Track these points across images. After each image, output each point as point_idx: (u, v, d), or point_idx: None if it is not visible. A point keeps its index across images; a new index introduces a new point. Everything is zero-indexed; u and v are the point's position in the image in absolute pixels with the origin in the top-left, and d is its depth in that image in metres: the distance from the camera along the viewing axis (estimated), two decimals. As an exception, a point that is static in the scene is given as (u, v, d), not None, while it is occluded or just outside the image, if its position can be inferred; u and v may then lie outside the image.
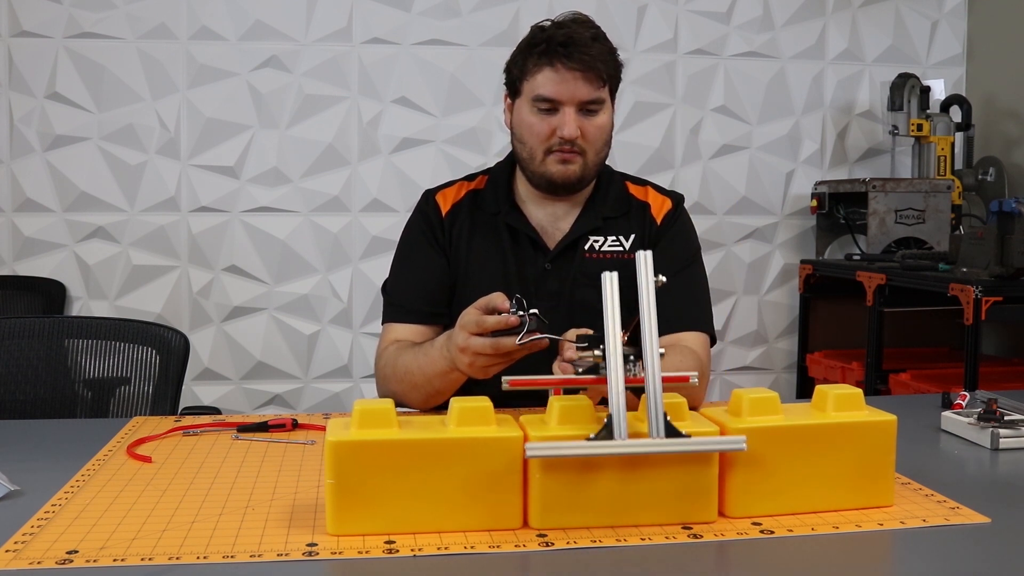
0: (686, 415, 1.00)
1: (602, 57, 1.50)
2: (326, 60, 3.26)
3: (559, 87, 1.49)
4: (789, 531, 0.96)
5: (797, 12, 3.52)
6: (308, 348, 3.33)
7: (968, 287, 2.57)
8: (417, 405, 1.50)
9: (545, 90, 1.50)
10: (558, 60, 1.49)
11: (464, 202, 1.63)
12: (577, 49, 1.48)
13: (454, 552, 0.91)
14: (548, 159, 1.52)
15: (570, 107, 1.49)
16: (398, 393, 1.50)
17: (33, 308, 3.12)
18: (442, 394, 1.45)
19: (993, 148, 3.46)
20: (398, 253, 1.67)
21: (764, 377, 3.60)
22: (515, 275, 1.56)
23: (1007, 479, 1.18)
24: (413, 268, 1.62)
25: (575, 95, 1.49)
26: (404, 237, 1.67)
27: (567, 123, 1.49)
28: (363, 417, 0.95)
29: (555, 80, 1.49)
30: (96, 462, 1.21)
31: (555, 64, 1.49)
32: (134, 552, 0.90)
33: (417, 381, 1.46)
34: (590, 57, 1.48)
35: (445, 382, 1.43)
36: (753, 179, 3.53)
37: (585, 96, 1.50)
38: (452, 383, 1.42)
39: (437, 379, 1.43)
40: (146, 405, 1.79)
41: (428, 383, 1.44)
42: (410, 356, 1.48)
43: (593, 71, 1.49)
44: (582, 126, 1.50)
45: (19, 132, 3.16)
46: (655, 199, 1.64)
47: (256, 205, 3.26)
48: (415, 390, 1.47)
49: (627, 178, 1.68)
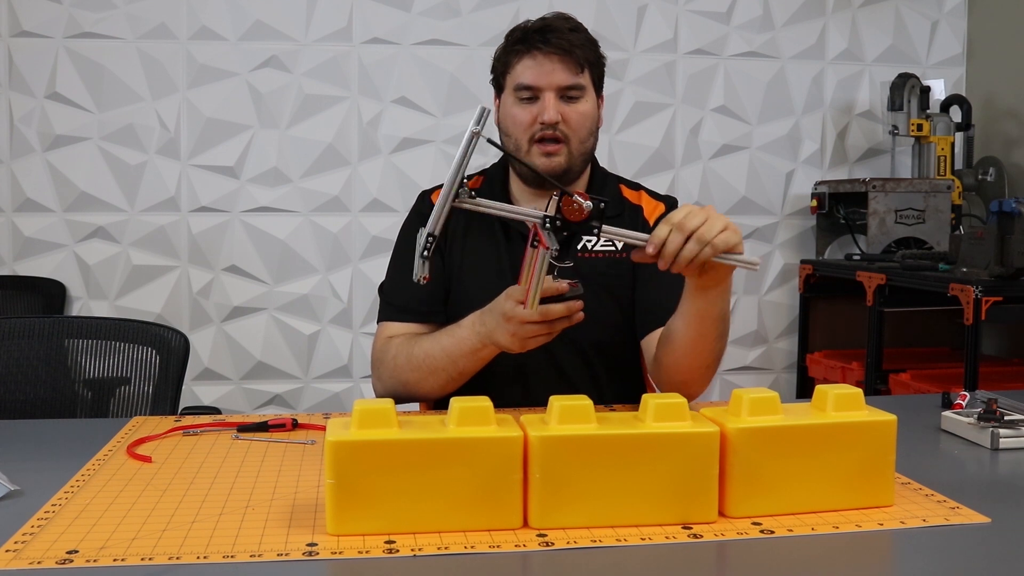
0: (686, 415, 1.00)
1: (579, 43, 1.52)
2: (326, 60, 3.26)
3: (537, 72, 1.51)
4: (789, 531, 0.96)
5: (797, 12, 3.52)
6: (308, 348, 3.33)
7: (968, 287, 2.57)
8: (433, 392, 1.49)
9: (524, 78, 1.52)
10: (535, 47, 1.51)
11: None
12: (554, 35, 1.51)
13: (454, 552, 0.91)
14: (532, 150, 1.53)
15: (550, 92, 1.51)
16: (411, 383, 1.49)
17: (33, 308, 3.12)
18: (464, 376, 1.45)
19: (993, 148, 3.46)
20: (394, 254, 1.67)
21: (764, 377, 3.60)
22: (509, 273, 1.56)
23: (1007, 479, 1.18)
24: (409, 268, 1.62)
25: (553, 80, 1.51)
26: (400, 238, 1.67)
27: (547, 107, 1.50)
28: (363, 417, 0.95)
29: (533, 67, 1.52)
30: (96, 462, 1.21)
31: (532, 51, 1.52)
32: (134, 552, 0.90)
33: (439, 364, 1.45)
34: (567, 42, 1.50)
35: (472, 361, 1.42)
36: (753, 179, 3.53)
37: (564, 81, 1.51)
38: (479, 362, 1.42)
39: (464, 359, 1.42)
40: (146, 405, 1.79)
41: (452, 364, 1.44)
42: (430, 341, 1.47)
43: (571, 56, 1.50)
44: (563, 112, 1.51)
45: (19, 132, 3.16)
46: (648, 203, 1.65)
47: (256, 205, 3.26)
48: (434, 375, 1.46)
49: (621, 181, 1.69)
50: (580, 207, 1.19)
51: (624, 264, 1.57)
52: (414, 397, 1.53)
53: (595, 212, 1.20)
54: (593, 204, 1.20)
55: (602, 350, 1.59)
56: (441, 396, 1.50)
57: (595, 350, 1.58)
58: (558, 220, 1.21)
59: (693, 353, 1.38)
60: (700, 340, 1.36)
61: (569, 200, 1.20)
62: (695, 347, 1.37)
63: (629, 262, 1.58)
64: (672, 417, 0.99)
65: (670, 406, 0.99)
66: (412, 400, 1.55)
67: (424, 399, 1.57)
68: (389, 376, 1.53)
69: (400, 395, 1.52)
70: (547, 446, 0.95)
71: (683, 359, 1.38)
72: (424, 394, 1.51)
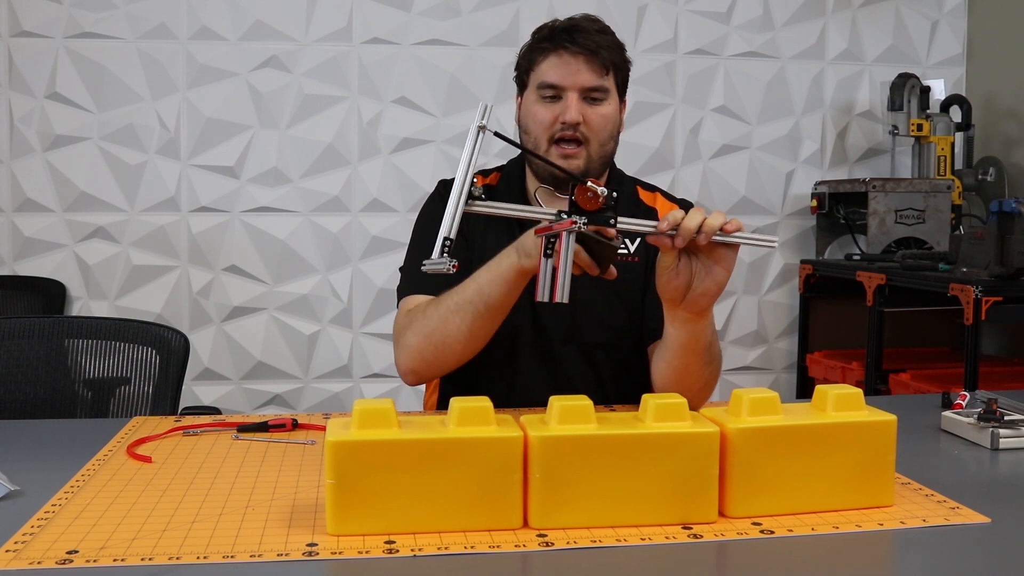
0: (686, 415, 1.00)
1: (606, 45, 1.51)
2: (326, 60, 3.26)
3: (562, 71, 1.50)
4: (789, 531, 0.96)
5: (797, 12, 3.52)
6: (308, 348, 3.33)
7: (968, 287, 2.57)
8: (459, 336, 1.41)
9: (548, 76, 1.51)
10: (561, 46, 1.50)
11: None
12: (581, 35, 1.50)
13: (454, 552, 0.91)
14: (551, 151, 1.52)
15: (573, 92, 1.50)
16: (435, 331, 1.41)
17: (33, 308, 3.12)
18: (490, 311, 1.37)
19: (993, 148, 3.46)
20: (413, 237, 1.63)
21: (764, 377, 3.60)
22: None
23: (1007, 479, 1.18)
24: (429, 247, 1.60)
25: (577, 80, 1.50)
26: (419, 222, 1.64)
27: (569, 107, 1.49)
28: (363, 417, 0.95)
29: (558, 65, 1.50)
30: (96, 462, 1.21)
31: (558, 50, 1.50)
32: (134, 552, 0.90)
33: (467, 297, 1.38)
34: (593, 43, 1.49)
35: (500, 286, 1.35)
36: (753, 179, 3.53)
37: (588, 82, 1.50)
38: (508, 287, 1.35)
39: (493, 286, 1.35)
40: (146, 405, 1.79)
41: (479, 294, 1.36)
42: (458, 287, 1.40)
43: (596, 57, 1.49)
44: (585, 114, 1.50)
45: (19, 132, 3.16)
46: (663, 205, 1.64)
47: (256, 205, 3.26)
48: (460, 311, 1.38)
49: (637, 183, 1.69)
50: (595, 194, 1.17)
51: (636, 268, 1.57)
52: (440, 351, 1.43)
53: (609, 200, 1.18)
54: (608, 192, 1.17)
55: (609, 352, 1.58)
56: (464, 349, 1.42)
57: (602, 352, 1.58)
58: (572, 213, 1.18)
59: (681, 383, 1.38)
60: (686, 371, 1.37)
61: (583, 188, 1.17)
62: (682, 378, 1.38)
63: (641, 266, 1.58)
64: (672, 417, 0.99)
65: (670, 406, 0.99)
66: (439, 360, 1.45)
67: (447, 353, 1.45)
68: (413, 334, 1.45)
69: (426, 354, 1.44)
70: (547, 446, 0.95)
71: (672, 387, 1.38)
72: (450, 342, 1.42)
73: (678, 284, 1.25)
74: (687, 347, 1.34)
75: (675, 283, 1.25)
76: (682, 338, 1.33)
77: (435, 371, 1.48)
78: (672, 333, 1.34)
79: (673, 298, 1.27)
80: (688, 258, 1.24)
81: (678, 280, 1.24)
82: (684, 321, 1.30)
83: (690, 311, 1.28)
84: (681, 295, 1.26)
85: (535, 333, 1.56)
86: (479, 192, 1.18)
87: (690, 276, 1.25)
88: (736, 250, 1.24)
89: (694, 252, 1.24)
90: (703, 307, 1.28)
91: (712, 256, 1.23)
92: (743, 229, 1.22)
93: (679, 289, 1.25)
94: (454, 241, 1.15)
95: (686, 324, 1.31)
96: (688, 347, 1.34)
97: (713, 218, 1.20)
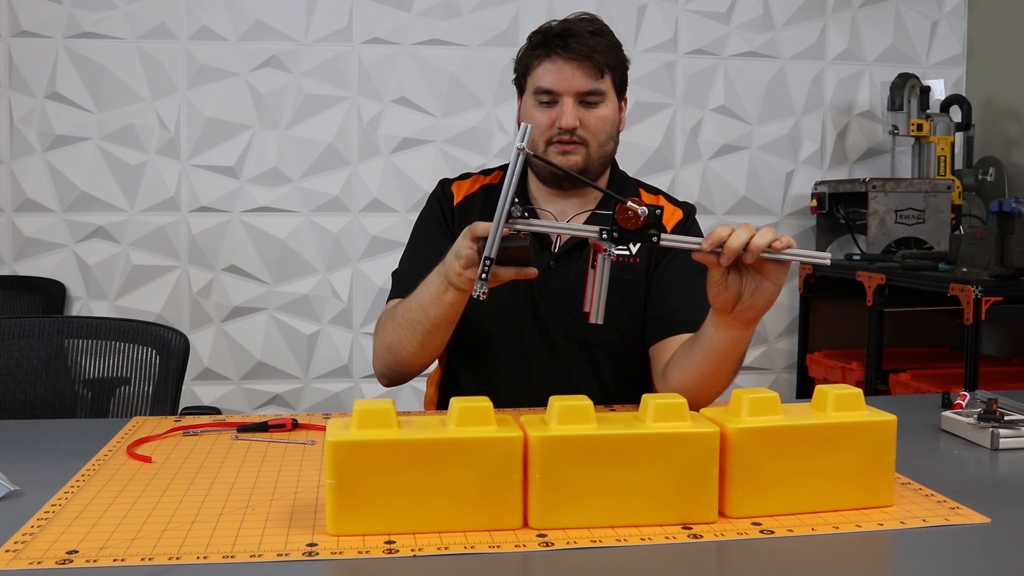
0: (686, 415, 1.00)
1: (600, 48, 1.51)
2: (326, 60, 3.26)
3: (556, 77, 1.50)
4: (789, 531, 0.96)
5: (797, 12, 3.52)
6: (308, 348, 3.33)
7: (968, 287, 2.57)
8: (412, 353, 1.46)
9: (544, 82, 1.51)
10: (555, 51, 1.50)
11: (478, 195, 1.64)
12: (574, 40, 1.50)
13: (454, 552, 0.91)
14: (549, 151, 1.53)
15: (568, 97, 1.50)
16: (393, 344, 1.47)
17: (33, 308, 3.12)
18: (436, 329, 1.41)
19: (993, 148, 3.46)
20: (411, 238, 1.67)
21: (764, 377, 3.60)
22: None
23: (1007, 479, 1.18)
24: (422, 251, 1.61)
25: (572, 85, 1.50)
26: (417, 223, 1.67)
27: (565, 113, 1.50)
28: (363, 417, 0.95)
29: (552, 71, 1.51)
30: (96, 462, 1.21)
31: (552, 55, 1.51)
32: (134, 552, 0.90)
33: (414, 316, 1.42)
34: (587, 48, 1.49)
35: (439, 307, 1.38)
36: (753, 179, 3.53)
37: (583, 87, 1.50)
38: (446, 308, 1.37)
39: (432, 306, 1.38)
40: (146, 405, 1.79)
41: (424, 314, 1.40)
42: (408, 297, 1.45)
43: (590, 61, 1.50)
44: (582, 117, 1.51)
45: (19, 132, 3.16)
46: (667, 208, 1.64)
47: (256, 205, 3.26)
48: (412, 330, 1.43)
49: (641, 185, 1.68)
50: (636, 214, 1.16)
51: (638, 269, 1.57)
52: (399, 363, 1.49)
53: (651, 219, 1.17)
54: (649, 210, 1.17)
55: (611, 353, 1.59)
56: (421, 360, 1.47)
57: (604, 353, 1.58)
58: (615, 232, 1.18)
59: (705, 384, 1.38)
60: (715, 373, 1.37)
61: (623, 208, 1.17)
62: (709, 379, 1.37)
63: (643, 268, 1.58)
64: (672, 417, 0.99)
65: (670, 406, 0.99)
66: (401, 370, 1.51)
67: (407, 365, 1.51)
68: (379, 342, 1.51)
69: (388, 363, 1.50)
70: (547, 446, 0.95)
71: (694, 386, 1.38)
72: (405, 356, 1.47)
73: (727, 297, 1.24)
74: (723, 353, 1.33)
75: (724, 296, 1.24)
76: (723, 344, 1.32)
77: (402, 377, 1.53)
78: (714, 338, 1.32)
79: (723, 308, 1.26)
80: (738, 272, 1.23)
81: (727, 293, 1.23)
82: (730, 328, 1.29)
83: (738, 321, 1.27)
84: (730, 307, 1.25)
85: (536, 334, 1.56)
86: (519, 212, 1.19)
87: (740, 289, 1.23)
88: (787, 266, 1.23)
89: (744, 267, 1.23)
90: (751, 319, 1.27)
91: (762, 271, 1.22)
92: (794, 245, 1.21)
93: (728, 301, 1.24)
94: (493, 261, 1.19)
95: (732, 331, 1.30)
96: (724, 354, 1.33)
97: (760, 236, 1.19)
